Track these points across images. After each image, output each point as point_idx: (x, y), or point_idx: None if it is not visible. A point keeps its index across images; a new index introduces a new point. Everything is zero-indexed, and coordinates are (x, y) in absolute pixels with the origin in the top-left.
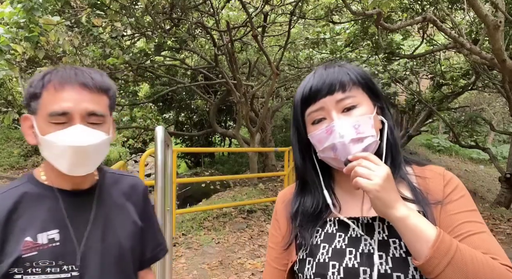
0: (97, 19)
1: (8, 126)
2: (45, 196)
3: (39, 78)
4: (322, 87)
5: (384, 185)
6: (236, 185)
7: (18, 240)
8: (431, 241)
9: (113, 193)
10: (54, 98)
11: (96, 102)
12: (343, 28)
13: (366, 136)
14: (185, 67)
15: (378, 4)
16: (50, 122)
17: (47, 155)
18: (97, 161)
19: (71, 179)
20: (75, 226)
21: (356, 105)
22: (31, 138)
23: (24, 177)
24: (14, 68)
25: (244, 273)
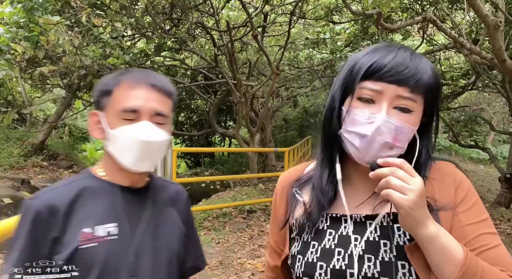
0: (97, 19)
1: (8, 126)
2: (104, 191)
3: (113, 77)
4: (396, 72)
5: (418, 202)
6: (236, 185)
7: (76, 231)
8: (458, 263)
9: (162, 197)
10: (126, 96)
11: (162, 103)
12: (343, 28)
13: (398, 147)
14: (185, 67)
15: (378, 4)
16: (120, 118)
17: (113, 149)
18: (158, 158)
19: (130, 176)
20: (132, 222)
21: (411, 111)
22: (97, 132)
23: (83, 172)
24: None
25: (244, 273)
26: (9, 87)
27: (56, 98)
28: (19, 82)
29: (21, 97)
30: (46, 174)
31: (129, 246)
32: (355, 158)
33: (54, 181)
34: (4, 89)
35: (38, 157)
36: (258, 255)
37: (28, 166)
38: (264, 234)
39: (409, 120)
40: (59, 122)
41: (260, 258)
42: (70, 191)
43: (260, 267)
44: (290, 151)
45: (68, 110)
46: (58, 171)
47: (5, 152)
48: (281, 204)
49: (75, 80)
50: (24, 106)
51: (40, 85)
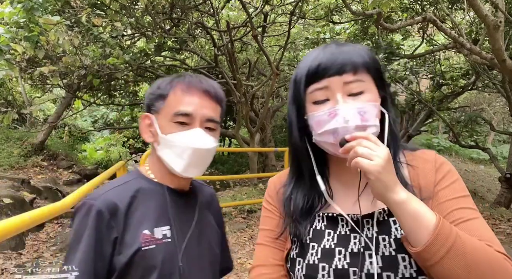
0: (97, 19)
1: (8, 126)
2: (156, 192)
3: (168, 81)
4: (332, 66)
5: (386, 166)
6: (236, 185)
7: (136, 232)
8: (431, 226)
9: (203, 200)
10: (181, 100)
11: (214, 110)
12: (343, 28)
13: (370, 125)
14: (185, 67)
15: (378, 4)
16: (173, 122)
17: (164, 154)
18: (206, 165)
19: (178, 180)
20: (179, 225)
21: (363, 91)
22: (148, 135)
23: (133, 173)
24: (14, 68)
25: (244, 273)
26: (9, 87)
27: (56, 98)
28: (19, 82)
29: (21, 97)
30: (46, 174)
31: (180, 250)
32: (337, 154)
33: (54, 181)
34: (4, 89)
35: (38, 157)
36: None
37: (28, 166)
38: None
39: (366, 99)
40: (59, 122)
41: None
42: (127, 192)
43: None
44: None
45: (68, 110)
46: (58, 171)
47: (5, 152)
48: (277, 203)
49: (75, 80)
50: (24, 106)
51: (40, 85)
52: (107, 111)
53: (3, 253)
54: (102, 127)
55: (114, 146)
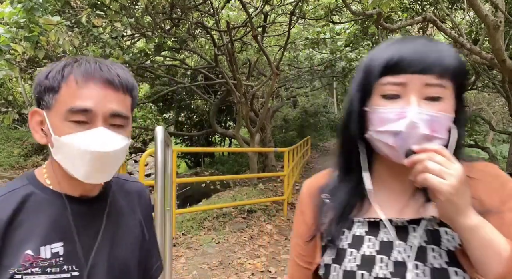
0: (97, 19)
1: (8, 126)
2: (50, 203)
3: (58, 69)
4: (417, 62)
5: (459, 187)
6: (236, 185)
7: (17, 252)
8: (504, 256)
9: (120, 201)
10: (76, 94)
11: (121, 102)
12: (343, 28)
13: (437, 137)
14: (185, 67)
15: (378, 4)
16: (68, 121)
17: (60, 159)
18: (115, 168)
19: (82, 186)
20: (82, 238)
21: (442, 98)
22: (39, 136)
23: (24, 178)
24: (14, 68)
25: (244, 273)
26: (9, 87)
27: None
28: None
29: (21, 97)
30: None
31: (81, 268)
32: (392, 157)
33: None
34: (4, 89)
35: (38, 157)
36: (258, 255)
37: (28, 166)
38: (264, 234)
39: (442, 108)
40: None
41: (260, 258)
42: (10, 203)
43: (260, 267)
44: (290, 151)
45: None
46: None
47: (5, 152)
48: (308, 212)
49: None
50: (24, 106)
51: None
52: None
53: None
54: None
55: None
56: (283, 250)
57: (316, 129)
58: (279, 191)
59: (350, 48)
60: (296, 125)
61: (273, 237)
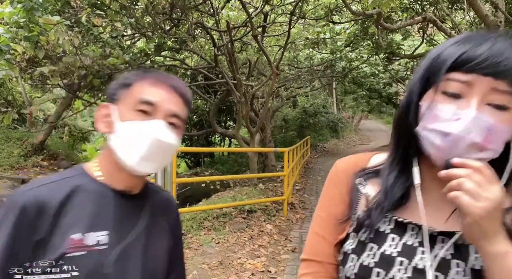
0: (97, 19)
1: (8, 126)
2: (98, 193)
3: (135, 73)
4: (490, 62)
5: (492, 212)
6: (236, 185)
7: (64, 235)
8: None
9: (155, 206)
10: (146, 90)
11: (180, 107)
12: (343, 28)
13: (489, 149)
14: (185, 67)
15: (378, 4)
16: (135, 110)
17: (118, 144)
18: (163, 162)
19: (128, 179)
20: (122, 231)
21: (507, 108)
22: (103, 125)
23: (75, 169)
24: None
25: (244, 273)
26: (9, 87)
27: (56, 98)
28: (19, 82)
29: (21, 97)
30: (46, 174)
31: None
32: (434, 159)
33: None
34: (4, 89)
35: (38, 157)
36: (258, 255)
37: (28, 166)
38: (264, 234)
39: (505, 119)
40: (59, 122)
41: (260, 258)
42: (63, 189)
43: (260, 267)
44: (290, 151)
45: (68, 110)
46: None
47: (5, 152)
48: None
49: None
50: (24, 106)
51: (40, 85)
52: None
53: None
54: None
55: None
56: (283, 250)
57: (315, 129)
58: (279, 191)
59: (350, 48)
60: (296, 125)
61: (273, 237)
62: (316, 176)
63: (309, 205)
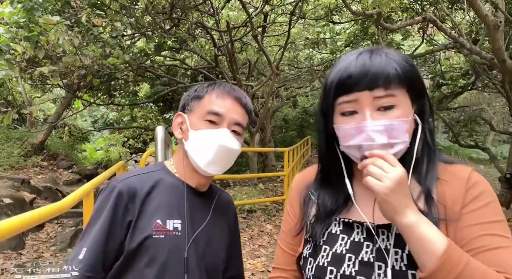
0: (97, 19)
1: (8, 126)
2: (175, 187)
3: (206, 86)
4: (362, 80)
5: (395, 189)
6: (236, 185)
7: (149, 220)
8: (438, 253)
9: (219, 204)
10: (214, 102)
11: (242, 116)
12: (343, 28)
13: (397, 142)
14: (185, 67)
15: (378, 4)
16: (204, 120)
17: (191, 148)
18: (227, 165)
19: (199, 178)
20: (193, 222)
21: (394, 106)
22: (178, 132)
23: (158, 165)
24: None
25: (244, 273)
26: (9, 87)
27: (56, 98)
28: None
29: (21, 97)
30: (46, 174)
31: (187, 245)
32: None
33: (54, 181)
34: (4, 89)
35: (38, 157)
36: (258, 255)
37: (28, 166)
38: (264, 234)
39: (396, 115)
40: (59, 122)
41: (260, 258)
42: (149, 180)
43: (260, 267)
44: (290, 151)
45: (68, 110)
46: (58, 171)
47: (5, 152)
48: (296, 206)
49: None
50: (24, 106)
51: (40, 85)
52: (107, 111)
53: (3, 253)
54: (102, 127)
55: (114, 146)
56: None
57: (315, 129)
58: (279, 191)
59: (350, 48)
60: (296, 125)
61: (273, 237)
62: None
63: None
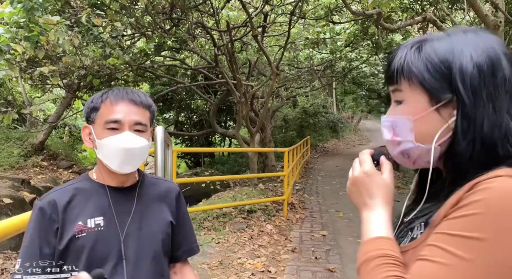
0: (97, 19)
1: (8, 126)
2: (95, 191)
3: (99, 95)
4: (387, 71)
5: (351, 189)
6: (236, 185)
7: (72, 224)
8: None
9: (150, 193)
10: (110, 110)
11: (141, 115)
12: (343, 28)
13: (402, 140)
14: (185, 67)
15: (378, 4)
16: (106, 129)
17: (101, 156)
18: (139, 161)
19: (117, 178)
20: (118, 216)
21: (402, 101)
22: (88, 143)
23: (81, 176)
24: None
25: (244, 273)
26: (9, 87)
27: (56, 98)
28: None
29: (21, 97)
30: (46, 174)
31: (117, 236)
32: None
33: (54, 181)
34: (4, 89)
35: (38, 157)
36: (258, 255)
37: (28, 166)
38: (264, 234)
39: (401, 111)
40: (59, 122)
41: (260, 258)
42: (68, 192)
43: (260, 267)
44: (290, 151)
45: (68, 110)
46: (58, 171)
47: (5, 152)
48: None
49: (75, 80)
50: (24, 106)
51: (40, 85)
52: None
53: (3, 253)
54: None
55: None
56: (283, 250)
57: (315, 129)
58: (279, 191)
59: (350, 48)
60: (296, 125)
61: (273, 237)
62: (316, 176)
63: (309, 205)
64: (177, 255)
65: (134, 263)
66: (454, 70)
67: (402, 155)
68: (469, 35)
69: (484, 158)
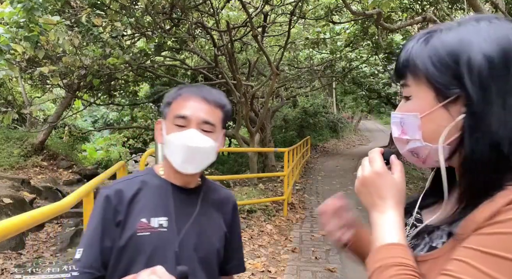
0: (97, 18)
1: (8, 126)
2: (160, 187)
3: (175, 91)
4: (395, 66)
5: (360, 189)
6: (236, 185)
7: (135, 219)
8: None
9: (211, 199)
10: (180, 106)
11: (210, 113)
12: (343, 28)
13: (410, 139)
14: (185, 67)
15: (378, 4)
16: (174, 124)
17: (166, 152)
18: (203, 162)
19: (182, 177)
20: (179, 217)
21: (409, 97)
22: (160, 138)
23: (146, 170)
24: (14, 68)
25: (244, 273)
26: (9, 87)
27: (56, 98)
28: (19, 82)
29: (21, 97)
30: (46, 174)
31: (176, 239)
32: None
33: (54, 181)
34: (4, 89)
35: (38, 157)
36: (258, 255)
37: (28, 166)
38: (264, 234)
39: (408, 108)
40: (59, 122)
41: (260, 258)
42: (135, 184)
43: (260, 267)
44: (290, 151)
45: (68, 110)
46: (58, 171)
47: (5, 152)
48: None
49: (75, 80)
50: (24, 106)
51: (40, 85)
52: (107, 111)
53: (3, 253)
54: (102, 127)
55: (114, 146)
56: (283, 250)
57: (315, 129)
58: (279, 191)
59: (350, 48)
60: (296, 125)
61: (273, 237)
62: (316, 176)
63: (309, 205)
64: (226, 268)
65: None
66: (462, 63)
67: (411, 154)
68: (482, 24)
69: (494, 159)
